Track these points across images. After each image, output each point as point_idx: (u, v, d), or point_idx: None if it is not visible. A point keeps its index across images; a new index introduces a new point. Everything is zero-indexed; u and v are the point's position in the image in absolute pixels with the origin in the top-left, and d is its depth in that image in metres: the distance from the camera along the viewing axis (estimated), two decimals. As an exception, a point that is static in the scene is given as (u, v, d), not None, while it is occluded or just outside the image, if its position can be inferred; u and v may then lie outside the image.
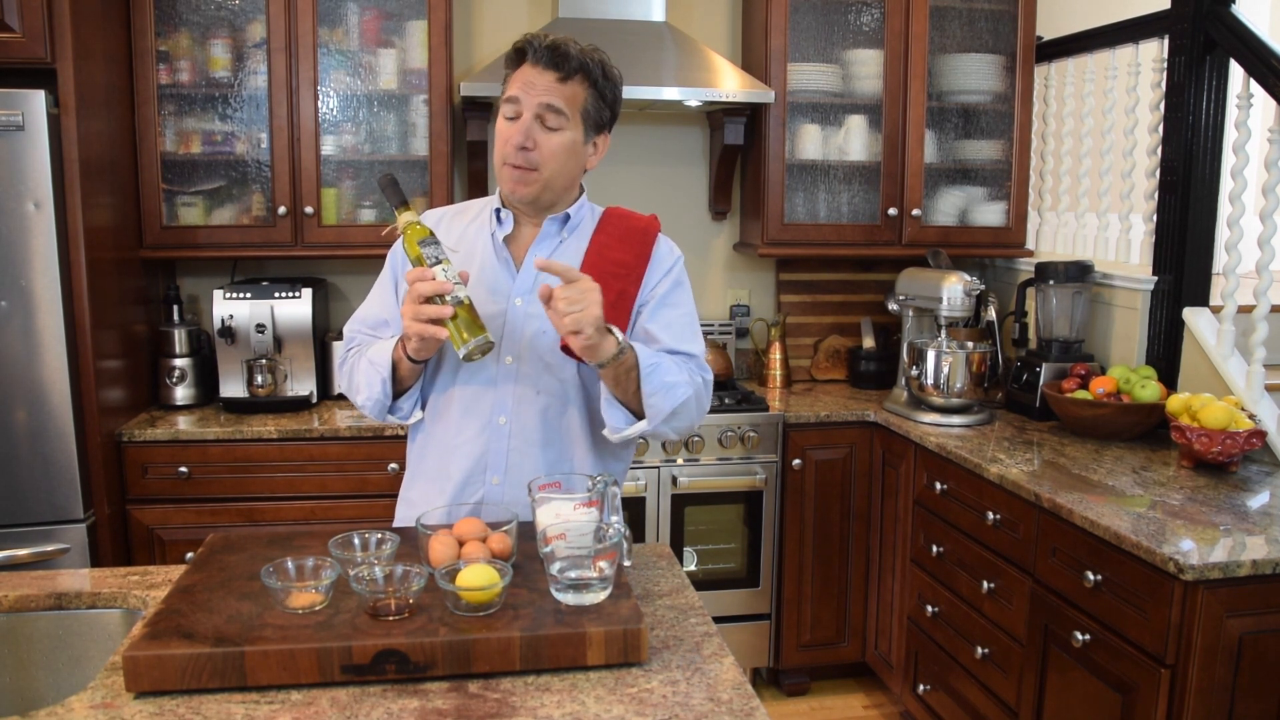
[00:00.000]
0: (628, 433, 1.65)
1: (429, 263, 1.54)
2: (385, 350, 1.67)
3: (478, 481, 1.72)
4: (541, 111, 1.63)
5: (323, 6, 3.04)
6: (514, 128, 1.65)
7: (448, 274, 1.53)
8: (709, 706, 1.25)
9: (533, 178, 1.66)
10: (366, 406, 1.71)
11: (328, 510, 2.89)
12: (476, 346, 1.53)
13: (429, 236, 1.57)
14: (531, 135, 1.63)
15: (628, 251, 1.72)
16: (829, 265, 3.74)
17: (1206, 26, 2.72)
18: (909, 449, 2.98)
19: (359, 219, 3.17)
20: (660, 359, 1.64)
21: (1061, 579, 2.24)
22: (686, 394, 1.64)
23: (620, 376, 1.59)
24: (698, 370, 1.72)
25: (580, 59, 1.65)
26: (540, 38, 1.65)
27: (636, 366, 1.59)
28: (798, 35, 3.36)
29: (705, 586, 3.16)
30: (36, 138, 2.46)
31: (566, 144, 1.66)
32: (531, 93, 1.63)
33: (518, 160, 1.65)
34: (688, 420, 1.69)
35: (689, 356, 1.72)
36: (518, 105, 1.65)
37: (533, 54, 1.64)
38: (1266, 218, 2.57)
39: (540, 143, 1.64)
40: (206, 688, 1.25)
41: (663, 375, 1.61)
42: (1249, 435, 2.38)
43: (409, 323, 1.54)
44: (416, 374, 1.70)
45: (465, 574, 1.34)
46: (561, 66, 1.63)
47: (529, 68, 1.65)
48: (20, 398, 2.54)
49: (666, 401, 1.62)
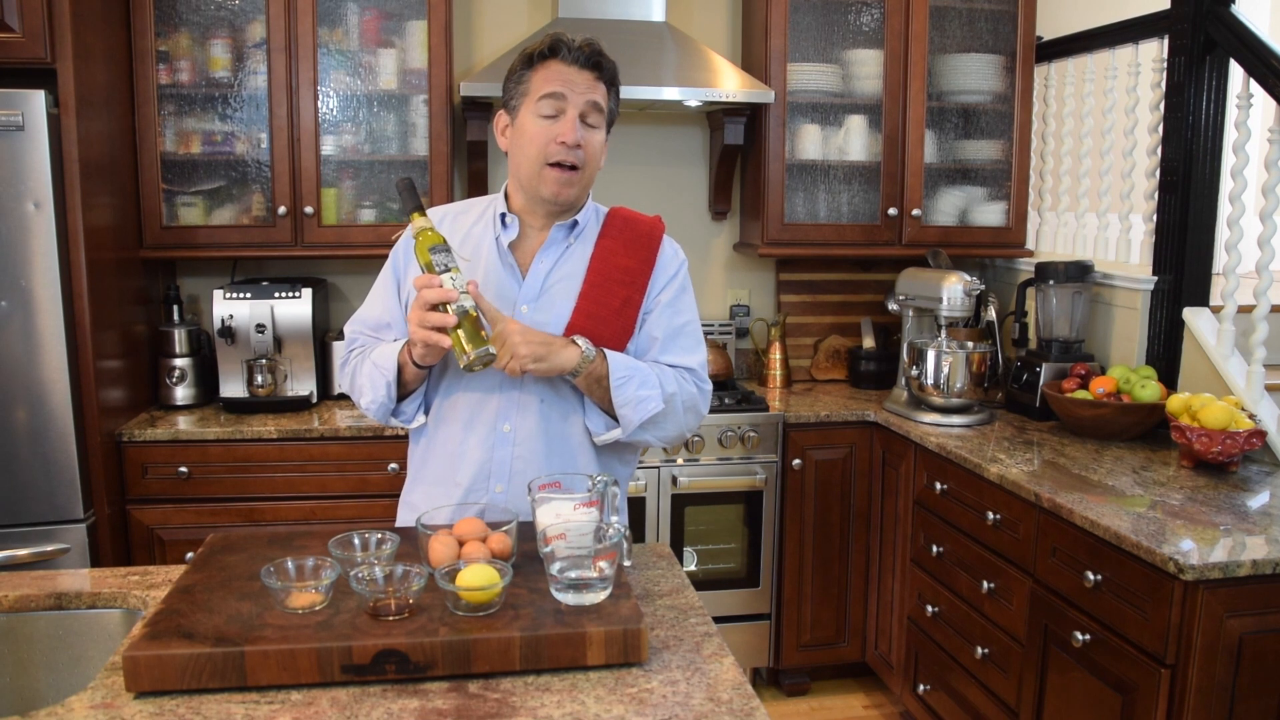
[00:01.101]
0: (606, 437, 1.70)
1: (438, 270, 1.54)
2: (390, 354, 1.66)
3: (481, 489, 1.72)
4: (587, 110, 1.62)
5: (323, 6, 3.04)
6: (561, 126, 1.61)
7: (455, 283, 1.53)
8: (709, 706, 1.25)
9: (577, 178, 1.65)
10: (370, 409, 1.71)
11: (328, 510, 2.89)
12: (478, 358, 1.53)
13: (441, 244, 1.56)
14: (580, 135, 1.62)
15: (633, 257, 1.72)
16: (829, 265, 3.74)
17: (1206, 26, 2.72)
18: (909, 449, 2.98)
19: (359, 219, 3.17)
20: (635, 371, 1.65)
21: (1061, 579, 2.24)
22: (657, 407, 1.65)
23: (592, 385, 1.64)
24: (693, 380, 1.74)
25: (610, 61, 1.66)
26: (569, 38, 1.64)
27: (607, 376, 1.62)
28: (798, 35, 3.36)
29: (705, 586, 3.16)
30: (36, 138, 2.46)
31: (602, 143, 1.68)
32: (576, 90, 1.61)
33: (570, 159, 1.61)
34: (673, 430, 1.72)
35: (687, 370, 1.74)
36: (562, 102, 1.61)
37: (568, 53, 1.61)
38: (1266, 218, 2.57)
39: (585, 142, 1.63)
40: (206, 688, 1.25)
41: (634, 389, 1.64)
42: (1249, 435, 2.38)
43: (414, 329, 1.54)
44: (421, 378, 1.69)
45: (465, 574, 1.34)
46: (600, 67, 1.64)
47: (563, 66, 1.61)
48: (20, 398, 2.54)
49: (636, 414, 1.65)
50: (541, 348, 1.56)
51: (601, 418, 1.70)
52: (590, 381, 1.63)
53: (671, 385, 1.69)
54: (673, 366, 1.72)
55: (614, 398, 1.63)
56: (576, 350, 1.58)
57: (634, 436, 1.69)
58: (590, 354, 1.59)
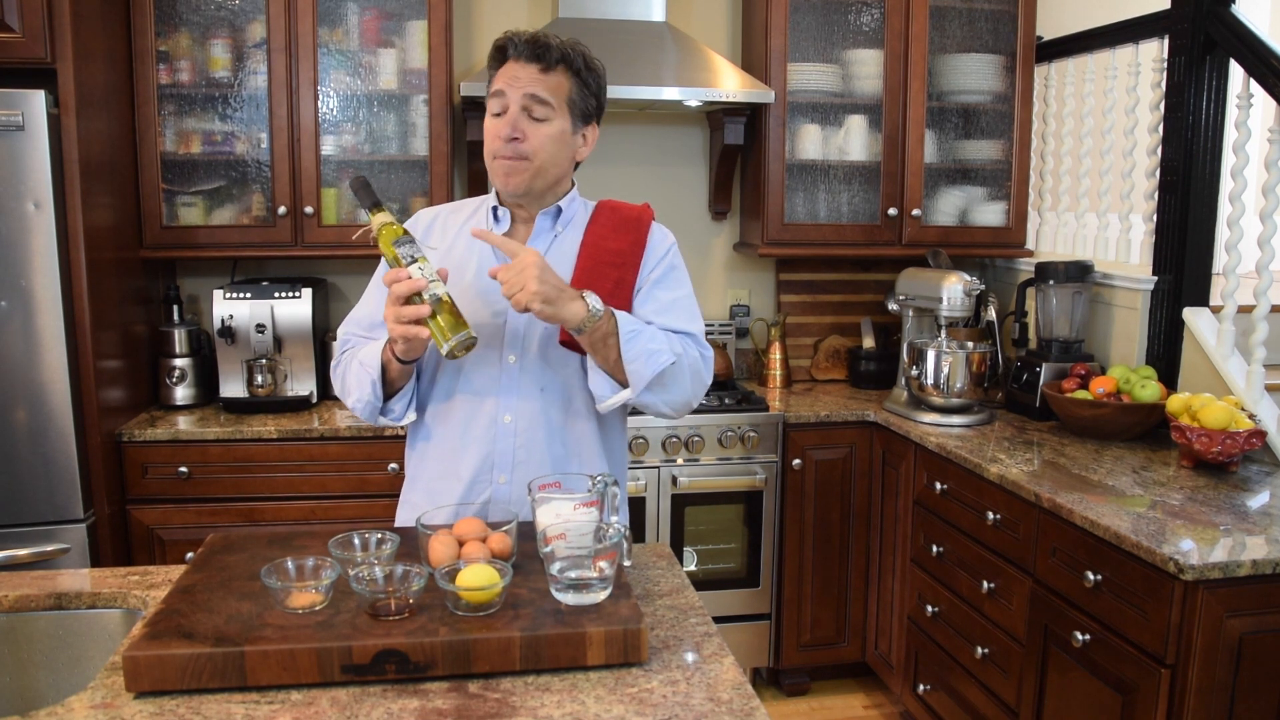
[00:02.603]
0: (613, 400, 1.66)
1: (405, 262, 1.53)
2: (375, 351, 1.67)
3: (485, 481, 1.72)
4: (528, 103, 1.65)
5: (323, 6, 3.04)
6: (501, 122, 1.66)
7: (424, 271, 1.52)
8: (709, 706, 1.25)
9: (523, 167, 1.67)
10: (358, 408, 1.71)
11: (328, 510, 2.89)
12: (459, 343, 1.52)
13: (403, 236, 1.55)
14: (519, 127, 1.65)
15: (623, 240, 1.73)
16: (829, 265, 3.74)
17: (1206, 26, 2.72)
18: (909, 449, 2.98)
19: (359, 219, 3.17)
20: (643, 327, 1.64)
21: (1061, 579, 2.24)
22: (668, 360, 1.62)
23: (597, 343, 1.60)
24: (695, 345, 1.71)
25: (561, 49, 1.66)
26: (520, 34, 1.67)
27: (615, 333, 1.59)
28: (798, 35, 3.36)
29: (705, 586, 3.16)
30: (36, 138, 2.46)
31: (555, 134, 1.68)
32: (516, 85, 1.65)
33: (506, 152, 1.66)
34: (680, 393, 1.67)
35: (687, 335, 1.71)
36: (504, 99, 1.66)
37: (514, 49, 1.66)
38: (1266, 218, 2.57)
39: (529, 133, 1.65)
40: (206, 688, 1.25)
41: (644, 342, 1.61)
42: (1249, 435, 2.38)
43: (391, 325, 1.54)
44: (407, 375, 1.69)
45: (465, 574, 1.34)
46: (544, 58, 1.65)
47: (512, 63, 1.66)
48: (20, 398, 2.54)
49: (648, 368, 1.61)
50: (553, 290, 1.53)
51: (607, 381, 1.65)
52: (596, 339, 1.59)
53: (678, 347, 1.66)
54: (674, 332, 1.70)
55: (624, 352, 1.59)
56: (584, 306, 1.55)
57: (642, 398, 1.65)
58: (598, 312, 1.56)
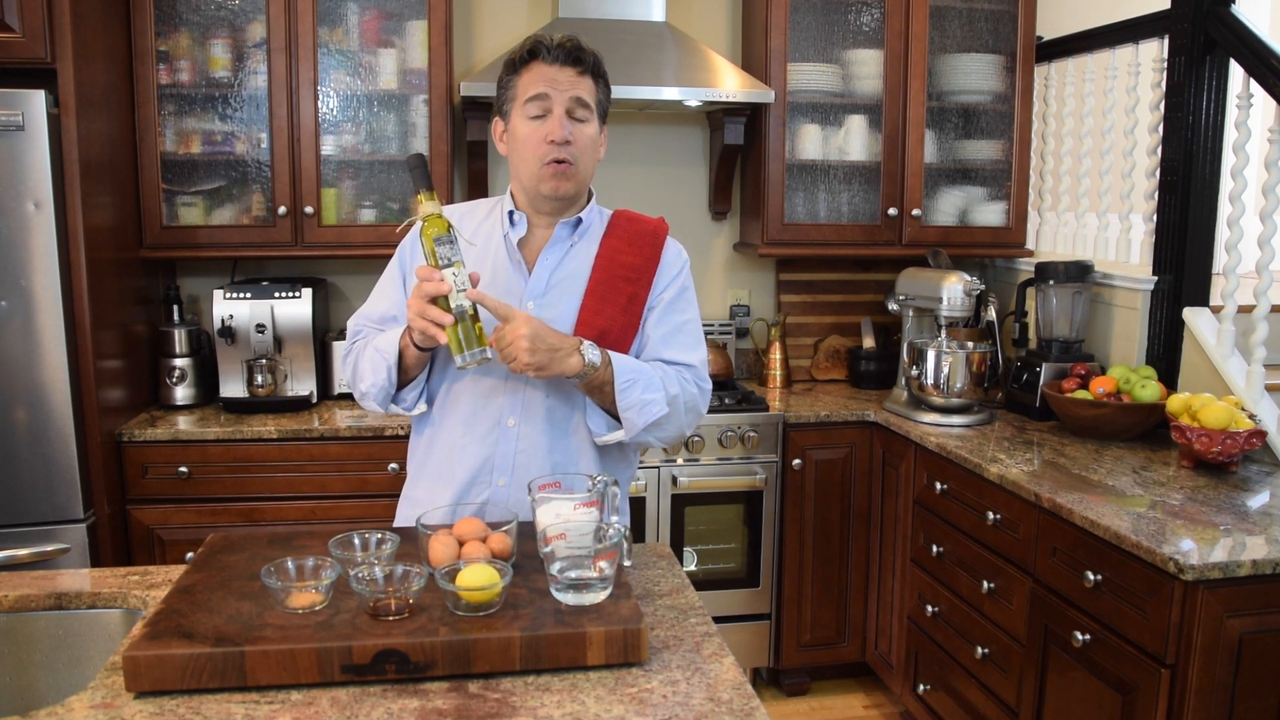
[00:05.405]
0: (608, 439, 1.71)
1: (441, 264, 1.53)
2: (392, 338, 1.67)
3: (484, 482, 1.72)
4: (572, 105, 1.66)
5: (323, 6, 3.04)
6: (550, 125, 1.65)
7: (457, 278, 1.53)
8: (709, 706, 1.25)
9: (572, 172, 1.68)
10: (370, 394, 1.71)
11: (328, 510, 2.89)
12: (473, 358, 1.54)
13: (446, 234, 1.54)
14: (568, 130, 1.65)
15: (638, 255, 1.74)
16: (829, 265, 3.74)
17: (1206, 26, 2.72)
18: (909, 449, 2.98)
19: (359, 219, 3.17)
20: (639, 374, 1.66)
21: (1061, 579, 2.24)
22: (661, 411, 1.66)
23: (594, 390, 1.65)
24: (694, 379, 1.75)
25: (593, 53, 1.69)
26: (550, 37, 1.67)
27: (611, 382, 1.63)
28: (798, 35, 3.36)
29: (705, 586, 3.16)
30: (36, 138, 2.46)
31: (593, 136, 1.70)
32: (559, 89, 1.65)
33: (561, 155, 1.65)
34: (674, 431, 1.72)
35: (687, 367, 1.74)
36: (546, 102, 1.65)
37: (547, 53, 1.65)
38: (1266, 217, 2.57)
39: (575, 137, 1.66)
40: (206, 688, 1.25)
41: (639, 393, 1.64)
42: (1249, 435, 2.38)
43: (412, 316, 1.55)
44: (422, 364, 1.70)
45: (465, 574, 1.34)
46: (581, 62, 1.66)
47: (545, 66, 1.65)
48: (20, 398, 2.54)
49: (641, 417, 1.66)
50: (545, 357, 1.55)
51: (603, 418, 1.70)
52: (593, 387, 1.64)
53: (674, 387, 1.70)
54: (673, 364, 1.73)
55: (619, 402, 1.64)
56: (580, 361, 1.58)
57: (636, 439, 1.70)
58: (595, 363, 1.60)
